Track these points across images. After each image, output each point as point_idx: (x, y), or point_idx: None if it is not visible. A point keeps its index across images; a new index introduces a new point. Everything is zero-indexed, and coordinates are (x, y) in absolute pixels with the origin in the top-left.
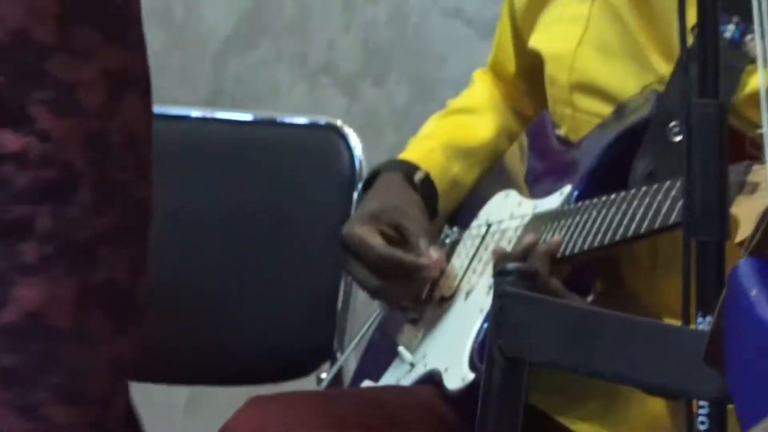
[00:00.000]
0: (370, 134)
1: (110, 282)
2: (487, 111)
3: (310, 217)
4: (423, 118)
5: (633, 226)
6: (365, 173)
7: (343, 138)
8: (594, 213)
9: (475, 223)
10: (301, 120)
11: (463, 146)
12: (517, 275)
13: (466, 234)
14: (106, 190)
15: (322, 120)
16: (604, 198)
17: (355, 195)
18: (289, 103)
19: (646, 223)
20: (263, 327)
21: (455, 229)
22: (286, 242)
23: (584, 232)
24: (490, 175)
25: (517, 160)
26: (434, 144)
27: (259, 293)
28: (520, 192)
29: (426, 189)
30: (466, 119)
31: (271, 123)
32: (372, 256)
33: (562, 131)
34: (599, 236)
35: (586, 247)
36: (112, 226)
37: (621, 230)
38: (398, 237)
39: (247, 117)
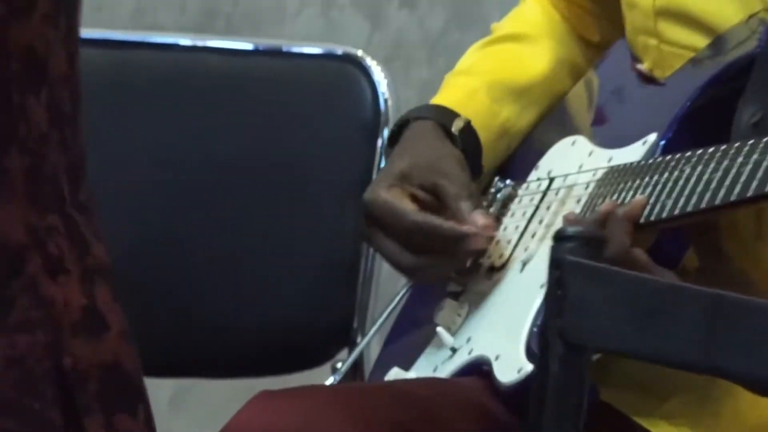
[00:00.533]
0: (398, 67)
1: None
2: (543, 38)
3: (324, 170)
4: (462, 48)
5: (737, 189)
6: (392, 116)
7: (365, 72)
8: (687, 170)
9: (533, 176)
10: (312, 49)
11: (513, 84)
12: (580, 241)
13: (523, 188)
14: (37, 174)
15: (339, 49)
16: (699, 151)
17: (379, 143)
18: (298, 29)
19: (754, 185)
20: (264, 305)
21: (508, 182)
22: (294, 200)
23: (674, 193)
24: (549, 119)
25: (583, 100)
26: (476, 82)
27: (259, 263)
28: (590, 139)
29: (467, 141)
30: (515, 49)
31: (276, 53)
32: (403, 226)
33: (644, 65)
34: (694, 199)
35: (676, 211)
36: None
37: (722, 193)
38: (434, 201)
39: (246, 45)
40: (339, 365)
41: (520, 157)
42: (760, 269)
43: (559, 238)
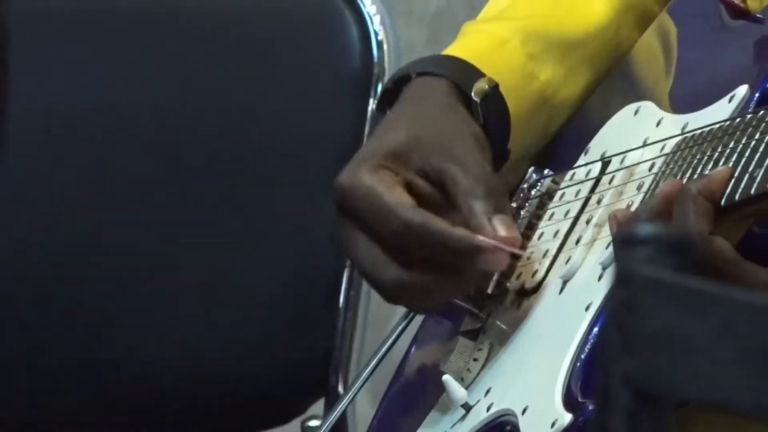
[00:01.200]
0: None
1: None
2: None
3: (295, 148)
4: None
5: None
6: (389, 66)
7: (351, 2)
8: None
9: (584, 161)
10: None
11: (559, 35)
12: (662, 245)
13: (566, 179)
14: None
15: None
16: None
17: (371, 105)
18: None
19: None
20: (211, 343)
21: (547, 172)
22: (254, 189)
23: (766, 160)
24: (607, 83)
25: (655, 53)
26: (507, 30)
27: (205, 286)
28: (661, 105)
29: (491, 112)
30: None
31: None
32: (391, 226)
33: None
34: None
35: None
36: None
37: None
38: (438, 195)
39: None
40: (312, 423)
41: (565, 138)
42: None
43: (628, 241)
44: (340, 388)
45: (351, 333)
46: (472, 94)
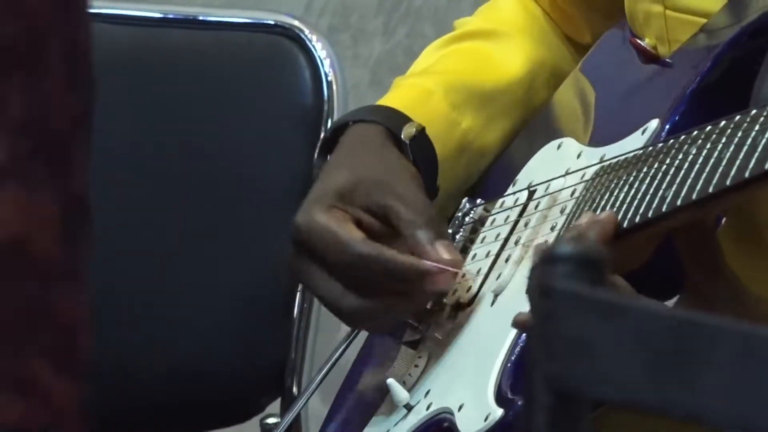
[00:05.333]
0: (346, 41)
1: (82, 194)
2: (519, 36)
3: (250, 176)
4: (429, 15)
5: (752, 163)
6: (338, 104)
7: (303, 47)
8: (693, 151)
9: (512, 191)
10: (236, 18)
11: (479, 88)
12: (578, 262)
13: (497, 207)
14: (75, 54)
15: (269, 18)
16: (707, 127)
17: (322, 136)
18: None
19: None
20: (174, 345)
21: (480, 201)
22: (212, 213)
23: (677, 180)
24: (529, 128)
25: (573, 111)
26: (432, 83)
27: (168, 293)
28: (578, 139)
29: (420, 153)
30: (483, 48)
31: (189, 23)
32: (346, 259)
33: (647, 41)
34: (699, 183)
35: (679, 201)
36: (82, 111)
37: (733, 173)
38: (383, 228)
39: (152, 13)
40: (270, 420)
41: (495, 174)
42: (759, 282)
43: (549, 259)
44: (295, 389)
45: (304, 339)
46: (402, 137)
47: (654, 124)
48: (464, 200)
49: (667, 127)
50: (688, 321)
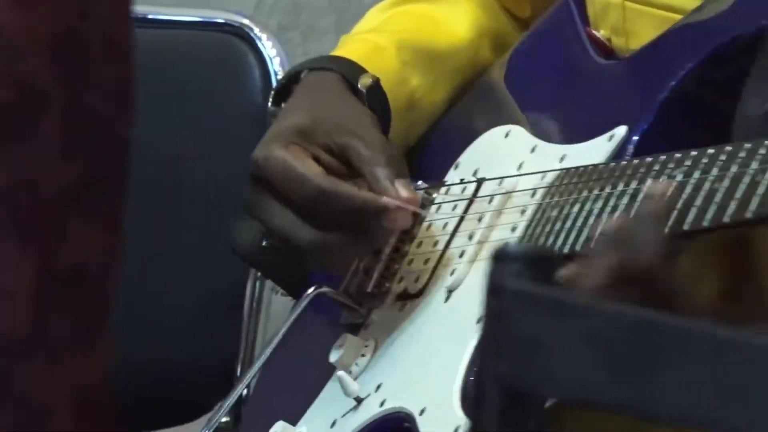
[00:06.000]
0: (296, 39)
1: (78, 267)
2: (463, 1)
3: (199, 172)
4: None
5: (754, 204)
6: None
7: (253, 45)
8: (678, 176)
9: (453, 176)
10: (185, 17)
11: (427, 49)
12: (528, 260)
13: (441, 193)
14: (78, 122)
15: (219, 16)
16: (694, 153)
17: None
18: None
19: None
20: (123, 344)
21: (420, 183)
22: (160, 209)
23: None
24: (471, 100)
25: (506, 79)
26: (382, 40)
27: (125, 291)
28: (528, 129)
29: (376, 103)
30: (429, 11)
31: (138, 21)
32: (304, 193)
33: (602, 33)
34: (691, 216)
35: (665, 229)
36: (82, 179)
37: (732, 208)
38: (342, 167)
39: None
40: (222, 420)
41: (432, 149)
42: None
43: (500, 258)
44: (244, 392)
45: (253, 339)
46: (359, 86)
47: (622, 131)
48: None
49: (636, 138)
50: (640, 320)
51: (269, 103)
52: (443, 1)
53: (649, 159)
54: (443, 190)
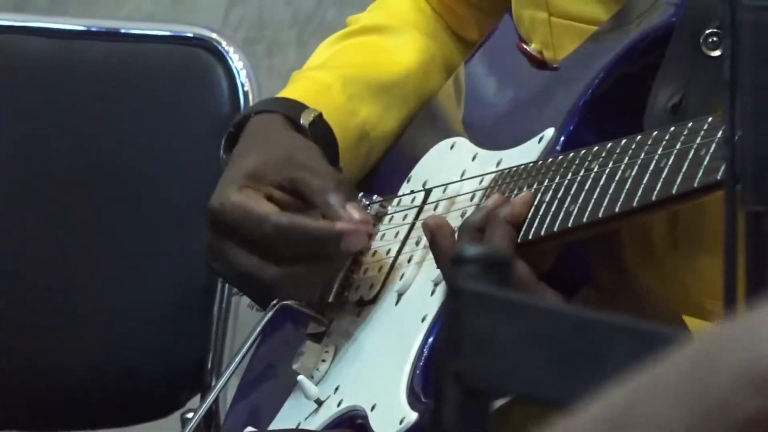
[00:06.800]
0: (261, 52)
1: None
2: (410, 30)
3: (170, 179)
4: (340, 28)
5: (659, 186)
6: None
7: (220, 58)
8: (595, 167)
9: (406, 188)
10: (156, 31)
11: (375, 80)
12: (483, 264)
13: (393, 205)
14: None
15: (188, 31)
16: (609, 144)
17: None
18: (139, 6)
19: (679, 181)
20: (96, 342)
21: (376, 197)
22: (132, 214)
23: (581, 197)
24: (420, 121)
25: (460, 97)
26: (329, 77)
27: (91, 291)
28: (473, 141)
29: (320, 136)
30: (377, 42)
31: (112, 35)
32: (263, 232)
33: (533, 47)
34: (605, 202)
35: (584, 218)
36: None
37: (640, 192)
38: (295, 200)
39: (75, 26)
40: (191, 416)
41: (388, 167)
42: (672, 284)
43: (456, 261)
44: (213, 384)
45: (223, 336)
46: (302, 122)
47: (550, 132)
48: (360, 195)
49: (563, 138)
50: (587, 319)
51: (221, 152)
52: (390, 32)
53: (571, 154)
54: (395, 201)
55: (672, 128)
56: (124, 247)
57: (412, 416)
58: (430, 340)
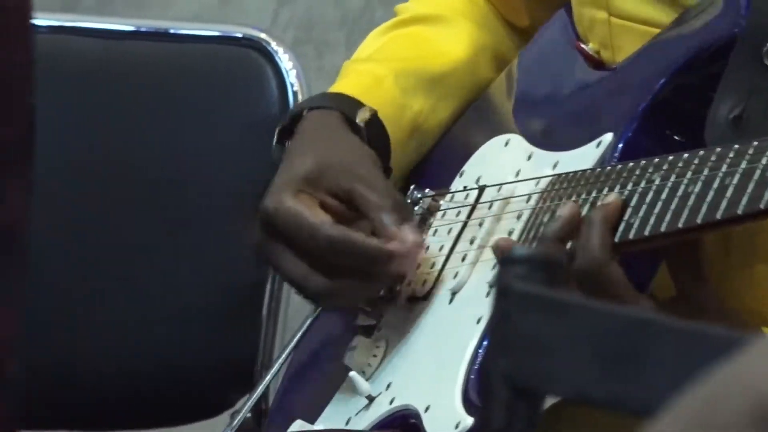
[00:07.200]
0: (310, 52)
1: (13, 221)
2: (460, 20)
3: (220, 180)
4: None
5: (723, 205)
6: None
7: (269, 58)
8: (657, 180)
9: (458, 183)
10: (205, 31)
11: (426, 72)
12: (533, 264)
13: (446, 200)
14: (7, 83)
15: (237, 31)
16: (670, 157)
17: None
18: (188, 7)
19: (745, 201)
20: (147, 343)
21: (428, 191)
22: (181, 215)
23: (642, 209)
24: (474, 113)
25: (505, 92)
26: (381, 69)
27: (141, 293)
28: (527, 139)
29: (374, 136)
30: (427, 32)
31: (161, 36)
32: (315, 242)
33: (590, 46)
34: (668, 217)
35: (646, 231)
36: (14, 139)
37: (704, 210)
38: (347, 211)
39: (125, 26)
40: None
41: (440, 160)
42: (724, 291)
43: (506, 261)
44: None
45: (273, 334)
46: (357, 121)
47: (608, 138)
48: (411, 188)
49: (621, 144)
50: (635, 320)
51: (274, 142)
52: (440, 22)
53: (631, 164)
54: (448, 197)
55: (736, 146)
56: (174, 247)
57: (468, 421)
58: (485, 343)
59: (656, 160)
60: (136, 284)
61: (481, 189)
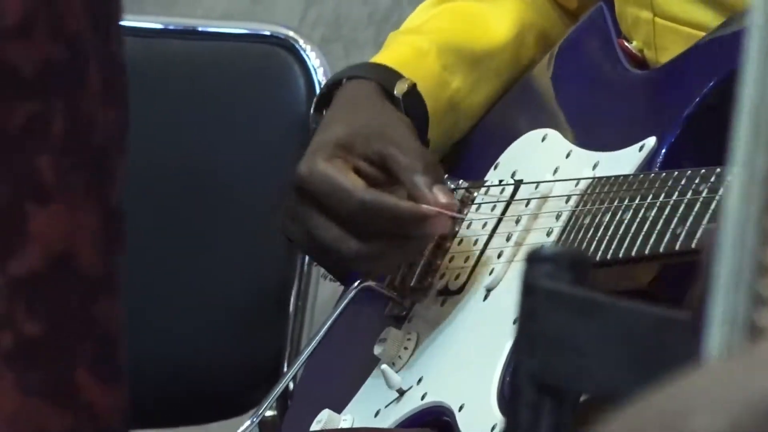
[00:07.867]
0: (338, 50)
1: (118, 206)
2: None
3: (247, 177)
4: None
5: None
6: None
7: (298, 56)
8: (704, 190)
9: (493, 176)
10: (233, 29)
11: (470, 49)
12: (560, 262)
13: (481, 192)
14: (110, 72)
15: (266, 29)
16: (717, 169)
17: None
18: (216, 5)
19: None
20: (175, 342)
21: (462, 182)
22: (210, 212)
23: (689, 220)
24: (512, 101)
25: (544, 84)
26: (425, 42)
27: (168, 291)
28: (566, 135)
29: (412, 108)
30: (475, 8)
31: (190, 34)
32: (348, 206)
33: (634, 45)
34: None
35: (693, 245)
36: (117, 124)
37: None
38: (381, 175)
39: (154, 24)
40: (267, 413)
41: (474, 147)
42: None
43: (534, 259)
44: (291, 384)
45: (299, 335)
46: (395, 92)
47: (651, 142)
48: (445, 177)
49: (664, 150)
50: (663, 318)
51: (312, 110)
52: (487, 0)
53: (676, 173)
54: (483, 189)
55: None
56: (199, 247)
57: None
58: None
59: (703, 171)
60: (164, 283)
61: (518, 184)
